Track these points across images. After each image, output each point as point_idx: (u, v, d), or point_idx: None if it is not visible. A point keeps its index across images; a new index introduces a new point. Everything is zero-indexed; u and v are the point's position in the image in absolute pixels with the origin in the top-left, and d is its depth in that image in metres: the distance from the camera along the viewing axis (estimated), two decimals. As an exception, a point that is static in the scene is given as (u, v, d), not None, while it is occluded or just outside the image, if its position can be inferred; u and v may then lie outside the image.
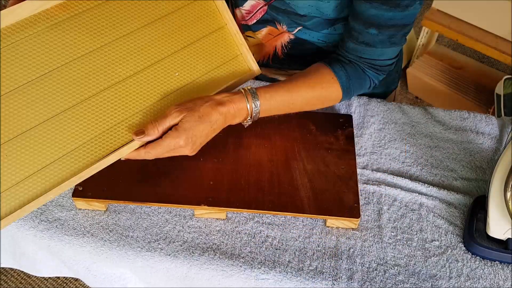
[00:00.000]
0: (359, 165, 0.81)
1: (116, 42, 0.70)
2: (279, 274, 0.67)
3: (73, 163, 0.66)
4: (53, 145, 0.66)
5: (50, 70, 0.66)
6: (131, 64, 0.71)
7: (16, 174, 0.63)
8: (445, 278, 0.68)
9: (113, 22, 0.70)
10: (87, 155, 0.67)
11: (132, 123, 0.70)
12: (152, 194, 0.73)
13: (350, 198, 0.73)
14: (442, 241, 0.72)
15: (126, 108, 0.70)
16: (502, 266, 0.69)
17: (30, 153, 0.64)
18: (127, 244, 0.70)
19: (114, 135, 0.69)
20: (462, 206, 0.76)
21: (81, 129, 0.67)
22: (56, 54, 0.67)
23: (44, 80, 0.66)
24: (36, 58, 0.66)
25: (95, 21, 0.69)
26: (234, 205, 0.72)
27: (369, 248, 0.71)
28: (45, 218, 0.73)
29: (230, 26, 0.79)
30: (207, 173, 0.75)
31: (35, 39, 0.66)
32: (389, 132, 0.87)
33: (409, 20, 0.72)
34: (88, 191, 0.73)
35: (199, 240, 0.71)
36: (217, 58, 0.78)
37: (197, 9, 0.77)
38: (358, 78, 0.79)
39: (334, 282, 0.67)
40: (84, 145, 0.67)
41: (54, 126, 0.66)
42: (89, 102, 0.68)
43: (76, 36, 0.68)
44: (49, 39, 0.67)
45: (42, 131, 0.66)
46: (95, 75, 0.69)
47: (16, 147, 0.64)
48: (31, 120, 0.65)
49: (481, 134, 0.87)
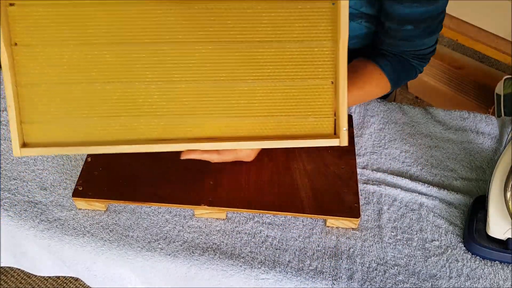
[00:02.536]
0: (359, 165, 0.81)
1: (228, 44, 0.64)
2: (279, 274, 0.67)
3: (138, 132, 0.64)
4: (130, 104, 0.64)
5: (167, 41, 0.63)
6: (225, 69, 0.64)
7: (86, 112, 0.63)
8: (445, 278, 0.68)
9: (232, 24, 0.64)
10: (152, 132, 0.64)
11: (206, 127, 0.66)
12: (152, 194, 0.73)
13: (350, 198, 0.73)
14: (442, 241, 0.72)
15: (208, 106, 0.65)
16: (502, 266, 0.69)
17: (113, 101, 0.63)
18: (127, 244, 0.70)
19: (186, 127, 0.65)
20: (462, 206, 0.76)
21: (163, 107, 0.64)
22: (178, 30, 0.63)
23: (165, 48, 0.63)
24: (160, 28, 0.63)
25: (215, 17, 0.63)
26: (234, 205, 0.72)
27: (369, 248, 0.71)
28: (45, 218, 0.73)
29: (339, 81, 0.63)
30: (207, 173, 0.75)
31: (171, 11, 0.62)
32: (389, 132, 0.87)
33: (442, 8, 0.74)
34: (88, 191, 0.73)
35: (199, 240, 0.71)
36: (305, 107, 0.65)
37: (314, 50, 0.64)
38: (404, 69, 0.81)
39: (334, 282, 0.67)
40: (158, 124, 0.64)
41: (150, 90, 0.63)
42: (186, 86, 0.64)
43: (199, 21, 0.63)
44: (180, 15, 0.62)
45: (134, 90, 0.63)
46: (201, 64, 0.64)
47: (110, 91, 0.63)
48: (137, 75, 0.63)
49: (481, 134, 0.87)
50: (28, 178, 0.78)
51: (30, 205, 0.75)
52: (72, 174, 0.79)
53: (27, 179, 0.78)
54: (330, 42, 0.63)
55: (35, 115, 0.63)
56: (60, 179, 0.78)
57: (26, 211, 0.74)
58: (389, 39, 0.79)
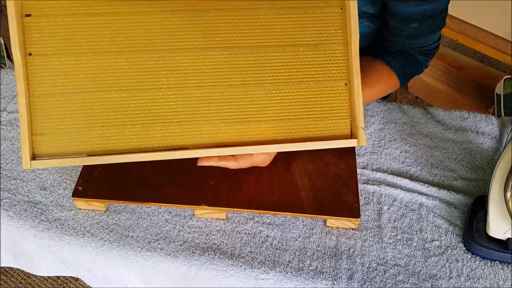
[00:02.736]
0: (359, 165, 0.81)
1: (242, 49, 0.65)
2: (279, 274, 0.67)
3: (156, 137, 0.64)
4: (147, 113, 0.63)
5: (178, 48, 0.63)
6: (238, 73, 0.65)
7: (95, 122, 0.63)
8: (445, 278, 0.68)
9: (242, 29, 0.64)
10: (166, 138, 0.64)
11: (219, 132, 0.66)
12: (152, 194, 0.73)
13: (350, 198, 0.73)
14: (442, 241, 0.72)
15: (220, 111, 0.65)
16: (502, 266, 0.69)
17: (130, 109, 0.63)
18: (127, 244, 0.70)
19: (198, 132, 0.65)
20: (462, 206, 0.76)
21: (172, 112, 0.64)
22: (185, 37, 0.63)
23: (175, 54, 0.63)
24: (167, 35, 0.63)
25: (226, 21, 0.64)
26: (234, 205, 0.72)
27: (369, 248, 0.71)
28: (45, 218, 0.73)
29: (353, 82, 0.64)
30: (207, 173, 0.75)
31: (175, 18, 0.63)
32: (389, 132, 0.87)
33: (445, 5, 0.75)
34: (88, 191, 0.73)
35: (199, 240, 0.71)
36: (320, 109, 0.66)
37: (326, 53, 0.65)
38: (412, 65, 0.82)
39: (334, 282, 0.67)
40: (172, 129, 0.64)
41: (156, 98, 0.63)
42: (199, 91, 0.64)
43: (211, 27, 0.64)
44: (187, 21, 0.63)
45: (148, 98, 0.63)
46: (211, 69, 0.64)
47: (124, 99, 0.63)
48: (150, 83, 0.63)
49: (481, 134, 0.87)
50: (28, 178, 0.78)
51: (30, 205, 0.75)
52: (72, 174, 0.79)
53: (27, 179, 0.78)
54: (341, 44, 0.64)
55: (47, 125, 0.62)
56: (60, 179, 0.78)
57: (26, 211, 0.74)
58: (394, 37, 0.80)
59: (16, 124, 0.86)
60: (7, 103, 0.90)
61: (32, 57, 0.61)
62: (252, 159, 0.70)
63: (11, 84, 0.93)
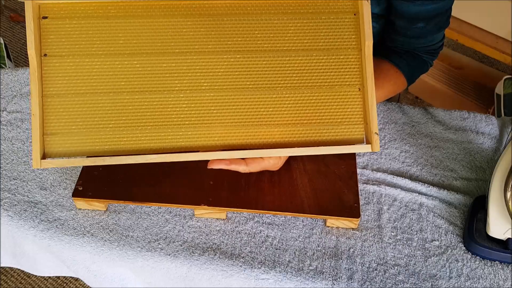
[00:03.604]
0: (359, 165, 0.81)
1: (256, 53, 0.65)
2: (279, 274, 0.67)
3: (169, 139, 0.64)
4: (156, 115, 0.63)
5: (192, 51, 0.64)
6: (253, 78, 0.65)
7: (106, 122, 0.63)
8: (445, 278, 0.68)
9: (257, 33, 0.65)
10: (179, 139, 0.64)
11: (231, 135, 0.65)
12: (152, 194, 0.73)
13: (350, 198, 0.73)
14: (442, 241, 0.72)
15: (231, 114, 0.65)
16: (502, 266, 0.69)
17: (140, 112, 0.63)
18: (127, 244, 0.70)
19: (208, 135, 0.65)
20: (462, 206, 0.76)
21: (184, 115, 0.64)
22: (201, 41, 0.64)
23: (188, 57, 0.64)
24: (182, 39, 0.64)
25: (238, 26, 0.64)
26: (234, 205, 0.72)
27: (369, 248, 0.71)
28: (45, 218, 0.73)
29: (367, 88, 0.63)
30: (207, 173, 0.75)
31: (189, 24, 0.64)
32: (389, 132, 0.87)
33: (450, 3, 0.75)
34: (88, 191, 0.73)
35: (199, 240, 0.71)
36: (333, 113, 0.65)
37: (339, 58, 0.65)
38: (418, 64, 0.83)
39: (334, 282, 0.67)
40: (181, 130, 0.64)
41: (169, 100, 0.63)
42: (214, 94, 0.64)
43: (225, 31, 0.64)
44: (203, 26, 0.64)
45: (161, 100, 0.63)
46: (226, 73, 0.64)
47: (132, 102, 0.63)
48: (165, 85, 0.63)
49: (481, 134, 0.87)
50: (28, 178, 0.78)
51: (30, 205, 0.75)
52: (72, 174, 0.79)
53: (27, 179, 0.78)
54: (355, 50, 0.64)
55: (59, 125, 0.62)
56: (60, 179, 0.78)
57: (26, 211, 0.74)
58: (400, 37, 0.80)
59: (16, 124, 0.86)
60: (7, 103, 0.90)
61: (47, 57, 0.62)
62: (263, 163, 0.69)
63: (11, 84, 0.93)
